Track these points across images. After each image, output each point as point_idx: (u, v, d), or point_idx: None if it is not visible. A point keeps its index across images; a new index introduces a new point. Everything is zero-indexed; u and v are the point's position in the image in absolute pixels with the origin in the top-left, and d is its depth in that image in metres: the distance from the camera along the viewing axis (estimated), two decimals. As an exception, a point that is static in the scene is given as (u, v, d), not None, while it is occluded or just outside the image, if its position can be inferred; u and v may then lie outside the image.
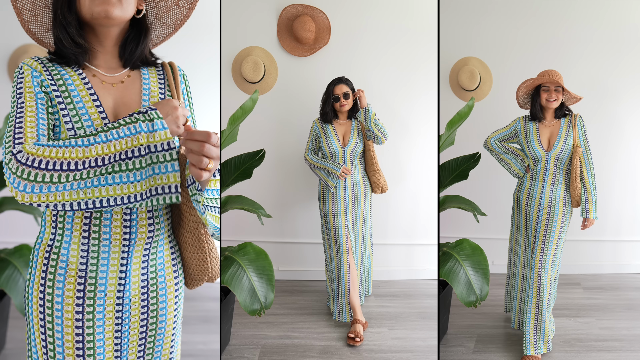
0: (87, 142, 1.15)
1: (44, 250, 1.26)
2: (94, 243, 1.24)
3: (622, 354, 2.42)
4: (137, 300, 1.31)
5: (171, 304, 1.36)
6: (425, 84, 3.36)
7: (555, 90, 2.31)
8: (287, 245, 3.52)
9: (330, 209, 2.81)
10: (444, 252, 2.41)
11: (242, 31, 3.33)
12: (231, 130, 2.35)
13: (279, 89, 3.35)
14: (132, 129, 1.17)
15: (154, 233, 1.30)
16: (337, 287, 2.79)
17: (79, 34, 1.24)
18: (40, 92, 1.21)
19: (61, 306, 1.24)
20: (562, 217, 2.33)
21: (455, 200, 2.70)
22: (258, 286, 2.19)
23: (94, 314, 1.26)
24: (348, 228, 2.80)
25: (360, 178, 2.85)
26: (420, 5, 3.32)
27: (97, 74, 1.29)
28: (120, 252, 1.26)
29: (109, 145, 1.15)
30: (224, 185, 2.56)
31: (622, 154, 3.57)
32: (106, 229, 1.25)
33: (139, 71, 1.34)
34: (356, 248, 2.85)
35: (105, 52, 1.30)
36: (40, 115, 1.19)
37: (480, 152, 2.74)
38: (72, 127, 1.20)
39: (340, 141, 2.81)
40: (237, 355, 2.45)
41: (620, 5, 3.44)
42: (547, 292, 2.32)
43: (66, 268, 1.24)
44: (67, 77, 1.24)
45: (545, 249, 2.32)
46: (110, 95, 1.27)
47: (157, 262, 1.33)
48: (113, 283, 1.26)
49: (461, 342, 2.55)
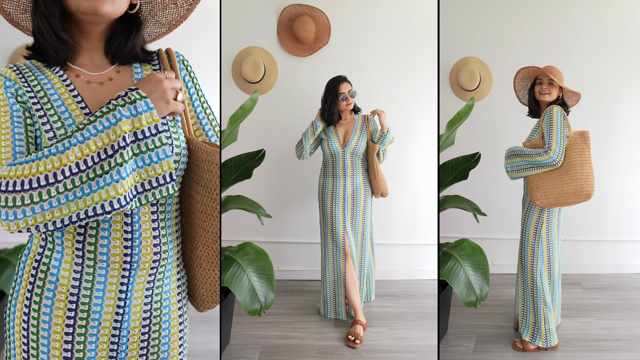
0: (62, 147, 0.99)
1: (31, 262, 1.11)
2: (89, 264, 1.08)
3: (622, 354, 2.42)
4: (136, 333, 1.15)
5: (175, 339, 1.21)
6: (425, 84, 3.36)
7: (548, 83, 2.29)
8: (287, 245, 3.52)
9: (329, 210, 2.79)
10: (444, 252, 2.41)
11: (242, 31, 3.33)
12: (231, 130, 2.35)
13: (279, 89, 3.35)
14: (111, 118, 1.01)
15: (161, 256, 1.14)
16: (335, 286, 2.79)
17: (63, 27, 1.07)
18: (15, 104, 1.06)
19: (48, 330, 1.09)
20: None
21: (455, 200, 2.70)
22: (258, 286, 2.19)
23: (85, 344, 1.11)
24: (346, 229, 2.77)
25: (360, 180, 2.82)
26: (420, 5, 3.32)
27: (81, 73, 1.13)
28: (120, 278, 1.10)
29: (88, 144, 0.99)
30: (224, 185, 2.56)
31: (622, 154, 3.57)
32: (103, 249, 1.08)
33: (130, 66, 1.18)
34: (355, 250, 2.82)
35: (91, 49, 1.14)
36: (16, 131, 1.05)
37: (480, 152, 2.75)
38: (53, 135, 1.05)
39: (340, 142, 2.78)
40: (237, 355, 2.44)
41: (620, 5, 3.44)
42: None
43: (56, 284, 1.09)
44: (45, 81, 1.10)
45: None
46: (97, 96, 1.11)
47: (162, 291, 1.17)
48: (109, 312, 1.11)
49: (461, 342, 2.55)
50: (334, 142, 2.77)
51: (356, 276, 2.78)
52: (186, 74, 1.22)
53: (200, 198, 1.14)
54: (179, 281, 1.21)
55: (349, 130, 2.80)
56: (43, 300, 1.09)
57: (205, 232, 1.15)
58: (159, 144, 1.04)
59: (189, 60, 1.25)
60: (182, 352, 1.24)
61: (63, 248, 1.08)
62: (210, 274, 1.18)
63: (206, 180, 1.12)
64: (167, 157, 1.05)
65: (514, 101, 2.63)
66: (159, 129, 1.04)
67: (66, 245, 1.08)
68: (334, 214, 2.78)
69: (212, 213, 1.12)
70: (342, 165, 2.78)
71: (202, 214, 1.14)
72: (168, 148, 1.06)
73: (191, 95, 1.22)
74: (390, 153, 3.35)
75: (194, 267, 1.20)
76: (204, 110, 1.23)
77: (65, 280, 1.08)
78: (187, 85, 1.21)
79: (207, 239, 1.15)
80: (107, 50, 1.15)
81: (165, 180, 1.06)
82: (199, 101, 1.23)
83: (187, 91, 1.21)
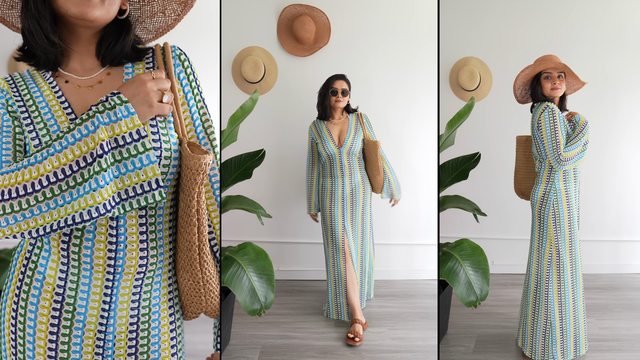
0: (41, 156, 0.99)
1: (22, 260, 1.13)
2: (74, 265, 1.08)
3: (622, 354, 2.42)
4: (123, 338, 1.13)
5: (166, 347, 1.18)
6: (425, 84, 3.36)
7: (557, 76, 2.13)
8: (287, 245, 3.52)
9: (328, 209, 2.79)
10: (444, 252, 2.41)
11: (242, 31, 3.33)
12: (231, 130, 2.35)
13: (279, 89, 3.35)
14: (89, 125, 0.98)
15: (148, 261, 1.11)
16: (335, 287, 2.79)
17: (54, 30, 1.05)
18: (5, 114, 1.08)
19: (34, 327, 1.09)
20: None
21: (455, 200, 2.70)
22: (258, 286, 2.19)
23: (70, 344, 1.09)
24: (346, 228, 2.77)
25: (359, 178, 2.81)
26: (420, 5, 3.32)
27: (71, 78, 1.12)
28: (104, 281, 1.08)
29: (65, 154, 0.98)
30: (224, 185, 2.56)
31: (621, 154, 3.57)
32: (87, 251, 1.07)
33: (122, 68, 1.15)
34: (355, 249, 2.82)
35: (82, 52, 1.12)
36: (4, 141, 1.06)
37: (480, 152, 2.75)
38: (39, 143, 1.05)
39: (335, 142, 2.77)
40: (237, 355, 2.44)
41: (620, 5, 3.44)
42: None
43: (43, 282, 1.09)
44: (35, 89, 1.10)
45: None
46: (86, 100, 1.09)
47: (151, 296, 1.15)
48: (94, 314, 1.09)
49: (461, 342, 2.55)
50: (329, 143, 2.76)
51: (355, 275, 2.77)
52: (181, 70, 1.15)
53: (180, 204, 1.12)
54: (170, 287, 1.18)
55: (343, 130, 2.79)
56: (30, 297, 1.09)
57: (181, 239, 1.12)
58: (142, 149, 1.01)
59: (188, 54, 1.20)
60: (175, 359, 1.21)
61: (50, 248, 1.09)
62: (186, 282, 1.15)
63: (183, 186, 1.09)
64: (151, 162, 1.01)
65: (514, 101, 2.63)
66: (141, 134, 1.01)
67: (53, 246, 1.09)
68: (333, 214, 2.77)
69: (186, 220, 1.09)
70: (340, 166, 2.77)
71: (181, 219, 1.11)
72: (152, 153, 1.01)
73: (186, 93, 1.16)
74: (390, 153, 3.35)
75: (177, 274, 1.19)
76: (198, 110, 1.17)
77: (51, 279, 1.09)
78: (181, 82, 1.15)
79: (182, 246, 1.12)
80: (98, 52, 1.14)
81: (151, 187, 1.02)
82: (194, 100, 1.17)
83: (182, 89, 1.15)
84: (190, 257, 1.11)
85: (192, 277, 1.14)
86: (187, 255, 1.11)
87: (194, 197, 1.08)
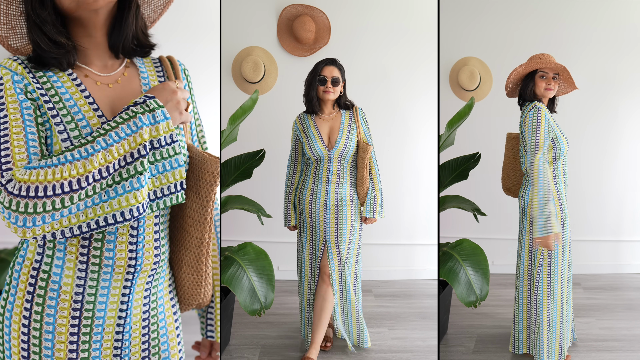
0: (86, 152, 0.97)
1: (28, 270, 1.08)
2: (93, 270, 1.08)
3: (622, 354, 2.42)
4: (137, 335, 1.17)
5: (173, 337, 1.24)
6: (425, 84, 3.36)
7: (552, 77, 2.12)
8: (287, 245, 3.51)
9: (307, 207, 2.35)
10: (444, 252, 2.41)
11: (242, 31, 3.33)
12: (231, 130, 2.35)
13: (279, 89, 3.35)
14: (132, 125, 1.01)
15: (160, 257, 1.16)
16: (304, 304, 2.44)
17: (58, 31, 1.04)
18: (25, 101, 1.02)
19: (52, 338, 1.08)
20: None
21: (455, 200, 2.70)
22: (258, 286, 2.19)
23: (90, 351, 1.11)
24: (327, 242, 2.32)
25: (347, 191, 2.33)
26: (420, 5, 3.32)
27: (90, 73, 1.11)
28: (123, 281, 1.10)
29: (111, 151, 0.98)
30: (224, 185, 2.56)
31: (621, 153, 3.58)
32: (109, 253, 1.07)
33: (136, 68, 1.18)
34: (335, 271, 2.32)
35: (97, 47, 1.11)
36: (28, 130, 1.00)
37: (480, 152, 2.75)
38: (67, 136, 1.02)
39: (325, 142, 2.30)
40: (237, 355, 2.44)
41: (620, 5, 3.44)
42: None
43: (59, 291, 1.07)
44: (55, 78, 1.06)
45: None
46: (107, 97, 1.10)
47: (158, 290, 1.20)
48: (112, 316, 1.12)
49: (461, 342, 2.55)
50: (316, 143, 2.29)
51: (329, 304, 2.31)
52: (186, 84, 1.24)
53: (190, 203, 1.16)
54: (170, 280, 1.24)
55: (334, 128, 2.33)
56: (46, 309, 1.07)
57: (190, 237, 1.17)
58: (172, 153, 1.06)
59: (189, 64, 1.27)
60: (180, 350, 1.26)
61: (65, 254, 1.07)
62: (189, 277, 1.21)
63: (198, 188, 1.13)
64: (179, 166, 1.07)
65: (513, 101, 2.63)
66: (173, 139, 1.06)
67: (69, 251, 1.07)
68: (314, 214, 2.33)
69: (199, 219, 1.14)
70: (327, 170, 2.31)
71: (190, 219, 1.16)
72: (181, 157, 1.07)
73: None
74: (390, 153, 3.35)
75: (176, 270, 1.24)
76: (195, 120, 1.26)
77: (68, 287, 1.07)
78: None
79: (190, 244, 1.17)
80: (111, 41, 1.12)
81: (176, 189, 1.08)
82: (193, 112, 1.25)
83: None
84: (199, 254, 1.17)
85: (196, 272, 1.19)
86: (196, 252, 1.17)
87: (211, 197, 1.12)
